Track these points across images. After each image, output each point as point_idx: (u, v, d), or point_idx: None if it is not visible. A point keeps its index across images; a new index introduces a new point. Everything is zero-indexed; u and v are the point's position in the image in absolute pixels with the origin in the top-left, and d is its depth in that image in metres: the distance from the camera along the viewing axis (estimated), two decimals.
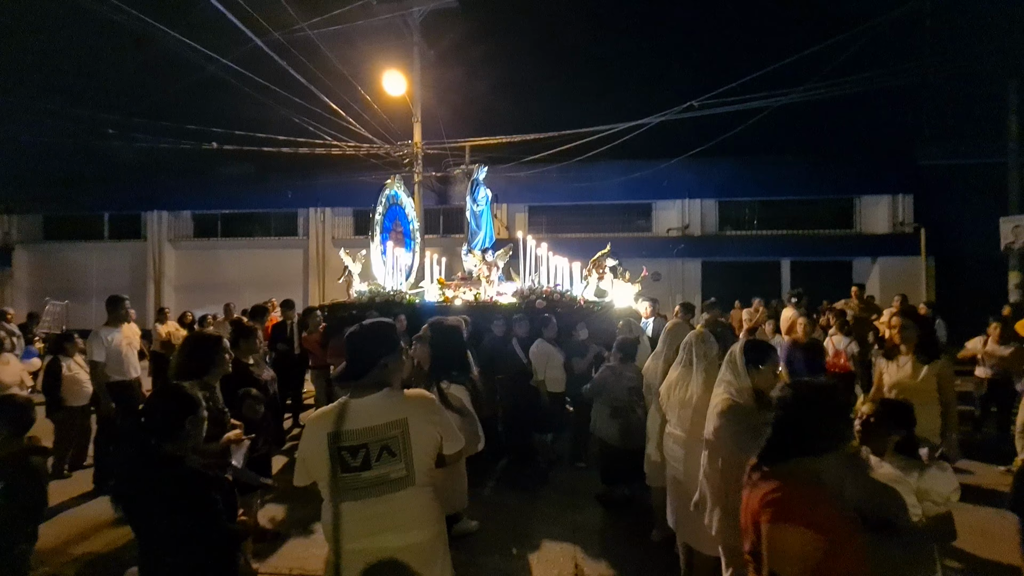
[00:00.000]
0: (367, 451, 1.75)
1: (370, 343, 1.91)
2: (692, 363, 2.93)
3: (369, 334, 1.94)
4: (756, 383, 2.41)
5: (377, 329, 1.97)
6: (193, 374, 2.58)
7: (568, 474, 5.21)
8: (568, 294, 6.10)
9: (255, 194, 17.52)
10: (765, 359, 2.42)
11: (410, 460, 1.79)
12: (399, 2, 10.81)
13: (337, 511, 1.74)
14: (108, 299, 5.01)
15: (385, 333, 1.97)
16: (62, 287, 17.38)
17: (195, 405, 1.82)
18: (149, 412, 1.80)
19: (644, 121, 10.70)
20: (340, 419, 1.79)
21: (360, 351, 1.90)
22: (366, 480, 1.74)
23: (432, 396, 2.01)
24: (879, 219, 15.46)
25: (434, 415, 1.90)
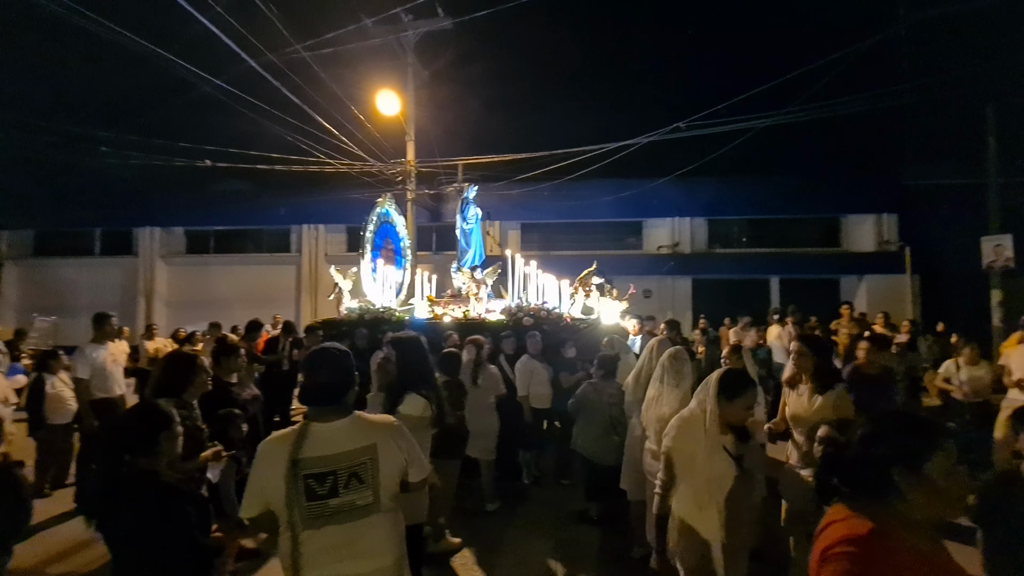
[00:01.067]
0: (335, 478, 1.70)
1: (344, 366, 1.88)
2: (665, 380, 3.00)
3: (344, 357, 1.90)
4: (724, 415, 2.34)
5: (345, 353, 1.94)
6: (170, 392, 2.60)
7: (552, 491, 5.21)
8: (555, 311, 6.16)
9: (249, 211, 17.56)
10: (737, 393, 2.35)
11: (377, 486, 1.76)
12: (394, 24, 11.02)
13: (297, 540, 1.67)
14: (94, 316, 5.01)
15: (350, 358, 1.95)
16: (52, 303, 17.27)
17: (168, 421, 1.85)
18: (123, 428, 1.83)
19: (632, 142, 10.91)
20: (303, 445, 1.72)
21: (337, 372, 1.85)
22: (332, 508, 1.70)
23: (398, 422, 1.98)
24: (865, 238, 15.74)
25: (402, 440, 1.88)
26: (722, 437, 2.31)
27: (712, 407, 2.37)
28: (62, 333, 15.45)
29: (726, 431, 2.33)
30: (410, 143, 11.81)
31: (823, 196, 15.58)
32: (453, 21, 10.86)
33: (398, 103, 11.18)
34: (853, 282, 15.57)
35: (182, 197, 17.23)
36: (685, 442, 2.37)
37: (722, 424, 2.33)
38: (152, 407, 1.91)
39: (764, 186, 15.88)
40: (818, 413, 3.10)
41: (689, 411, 2.49)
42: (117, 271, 18.38)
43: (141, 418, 1.84)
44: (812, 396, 3.17)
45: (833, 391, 3.12)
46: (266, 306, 14.95)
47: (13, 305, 18.35)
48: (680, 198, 15.72)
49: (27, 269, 18.77)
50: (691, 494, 2.34)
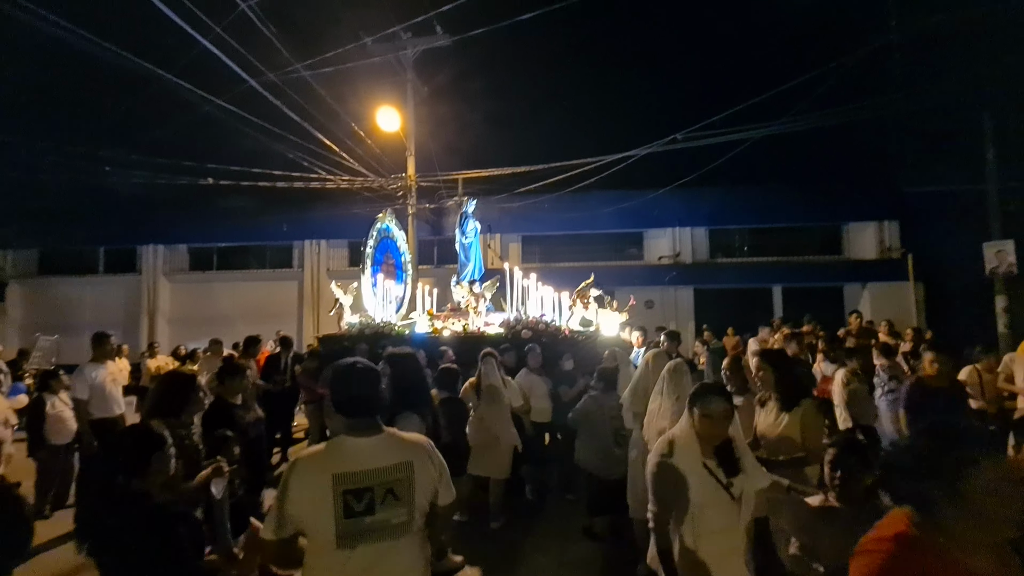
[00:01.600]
0: (372, 494, 1.67)
1: (378, 380, 1.89)
2: (665, 393, 2.98)
3: (376, 371, 1.91)
4: (698, 430, 2.22)
5: (372, 368, 1.92)
6: (167, 412, 2.59)
7: (556, 506, 5.15)
8: (553, 324, 6.15)
9: (251, 227, 17.66)
10: (703, 403, 2.21)
11: (412, 505, 1.73)
12: (393, 42, 11.18)
13: (329, 560, 1.63)
14: (93, 335, 5.02)
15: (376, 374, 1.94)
16: (55, 322, 17.31)
17: (161, 442, 1.84)
18: (115, 449, 1.82)
19: (631, 153, 10.97)
20: (341, 459, 1.70)
21: (374, 385, 1.86)
22: (367, 525, 1.65)
23: (429, 441, 1.94)
24: (867, 245, 15.71)
25: (436, 460, 1.85)
26: (702, 456, 2.19)
27: (684, 422, 2.30)
28: (65, 352, 15.45)
29: (707, 450, 2.20)
30: (410, 158, 11.90)
31: (824, 204, 15.59)
32: (452, 39, 10.99)
33: (398, 119, 11.30)
34: (856, 290, 15.50)
35: (185, 214, 17.37)
36: (665, 468, 2.23)
37: (700, 442, 2.20)
38: (144, 429, 1.90)
39: (765, 195, 15.90)
40: (784, 431, 2.91)
41: (670, 431, 2.39)
42: (120, 289, 18.46)
43: (133, 440, 1.83)
44: (779, 414, 2.99)
45: (799, 408, 2.91)
46: (268, 322, 14.96)
47: (17, 324, 18.42)
48: (681, 208, 15.74)
49: (31, 288, 18.87)
50: (681, 521, 2.21)
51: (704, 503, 2.14)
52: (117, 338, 12.73)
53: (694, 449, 2.21)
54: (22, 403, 6.80)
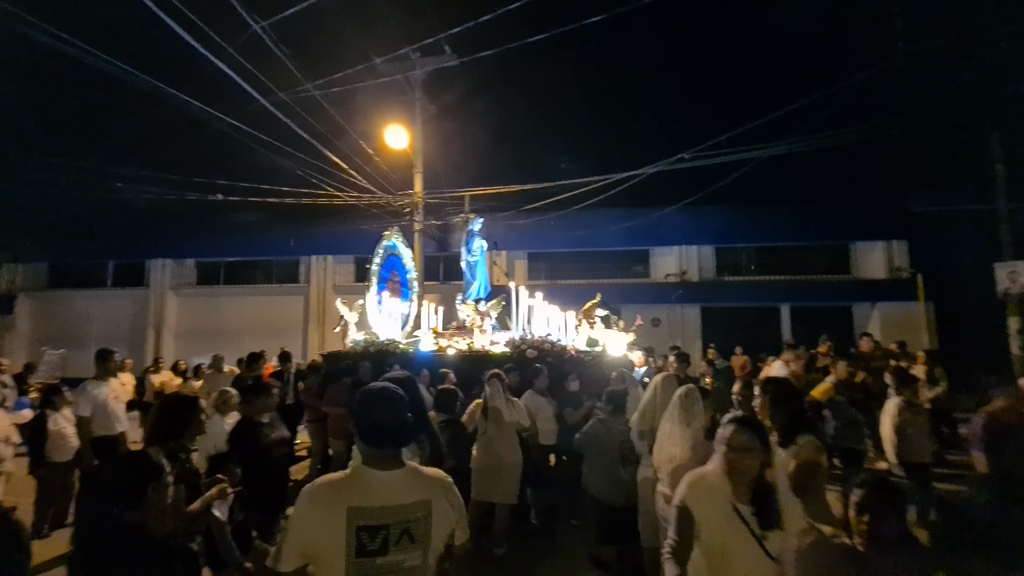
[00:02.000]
0: (387, 533, 1.55)
1: (407, 410, 1.75)
2: (676, 420, 2.90)
3: (405, 400, 1.77)
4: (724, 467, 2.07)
5: (404, 396, 1.79)
6: (166, 436, 2.54)
7: (562, 531, 5.03)
8: (559, 343, 6.08)
9: (259, 242, 17.81)
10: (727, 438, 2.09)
11: (427, 547, 1.61)
12: (402, 63, 11.33)
13: None
14: (97, 352, 4.99)
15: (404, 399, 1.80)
16: (63, 335, 17.43)
17: (157, 472, 1.78)
18: (111, 479, 1.77)
19: (638, 172, 10.98)
20: (359, 492, 1.59)
21: (403, 415, 1.72)
22: (378, 567, 1.54)
23: (450, 479, 1.81)
24: (875, 265, 15.59)
25: (454, 499, 1.74)
26: (733, 497, 2.02)
27: (715, 456, 2.12)
28: (71, 365, 15.52)
29: (740, 492, 2.02)
30: (418, 175, 11.97)
31: (831, 223, 15.53)
32: (460, 59, 11.13)
33: (406, 137, 11.40)
34: (866, 310, 15.34)
35: (194, 229, 17.54)
36: (691, 502, 2.09)
37: (731, 481, 2.03)
38: (140, 459, 1.85)
39: (772, 214, 15.88)
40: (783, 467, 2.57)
41: (704, 467, 2.23)
42: (128, 302, 18.58)
43: (128, 470, 1.78)
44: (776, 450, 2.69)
45: (795, 444, 2.62)
46: (274, 337, 14.96)
47: (26, 337, 18.53)
48: (687, 226, 15.73)
49: (40, 301, 19.03)
50: (704, 564, 2.05)
51: (730, 551, 1.98)
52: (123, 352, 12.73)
53: (724, 488, 2.04)
54: (25, 418, 6.75)
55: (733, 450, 2.03)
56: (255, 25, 6.62)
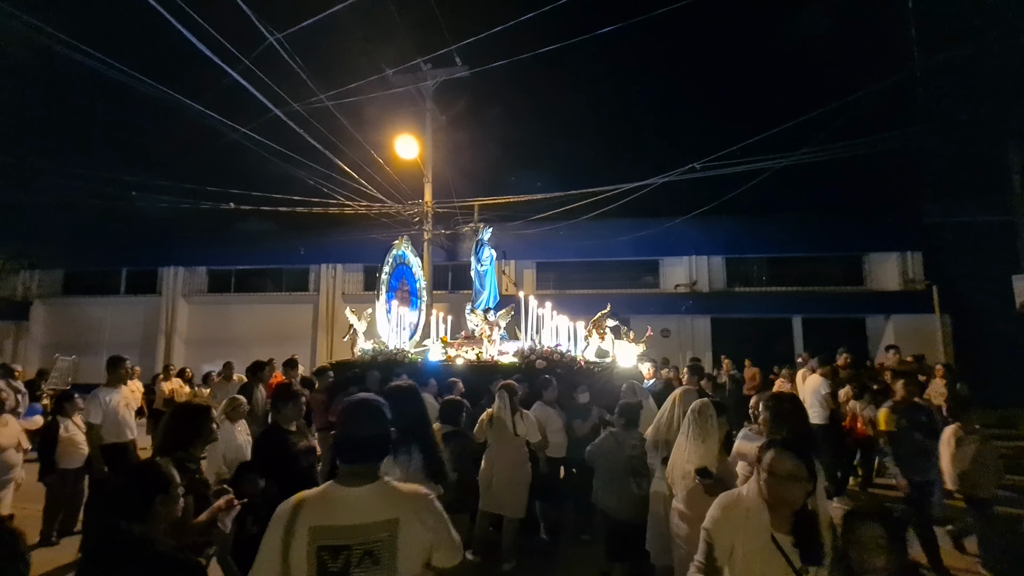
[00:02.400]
0: (349, 553, 1.48)
1: (385, 422, 1.68)
2: (691, 435, 2.84)
3: (384, 411, 1.70)
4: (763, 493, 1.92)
5: (384, 407, 1.72)
6: (177, 445, 2.53)
7: (572, 547, 4.94)
8: (568, 354, 6.02)
9: (269, 251, 17.95)
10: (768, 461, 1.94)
11: (393, 570, 1.51)
12: (414, 74, 11.45)
13: None
14: (109, 359, 5.01)
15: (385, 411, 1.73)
16: (76, 341, 17.62)
17: (166, 484, 1.76)
18: (118, 491, 1.75)
19: (648, 182, 10.95)
20: (323, 510, 1.54)
21: (378, 428, 1.66)
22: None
23: (431, 495, 1.69)
24: (889, 276, 15.38)
25: (430, 518, 1.61)
26: (772, 527, 1.86)
27: (753, 480, 1.95)
28: (82, 372, 15.67)
29: (779, 521, 1.86)
30: (428, 185, 12.03)
31: (844, 234, 15.36)
32: (471, 70, 11.22)
33: (416, 147, 11.48)
34: (879, 322, 15.12)
35: (206, 237, 17.74)
36: (723, 528, 1.96)
37: (770, 508, 1.88)
38: (148, 470, 1.82)
39: (784, 224, 15.77)
40: None
41: (740, 487, 2.10)
42: (140, 310, 18.77)
43: (136, 481, 1.76)
44: None
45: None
46: (283, 345, 15.03)
47: (39, 343, 18.76)
48: (698, 237, 15.65)
49: (55, 308, 19.28)
50: None
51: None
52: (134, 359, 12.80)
53: (762, 516, 1.89)
54: (37, 424, 6.82)
55: (776, 477, 1.86)
56: (271, 37, 6.72)
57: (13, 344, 18.72)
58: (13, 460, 4.28)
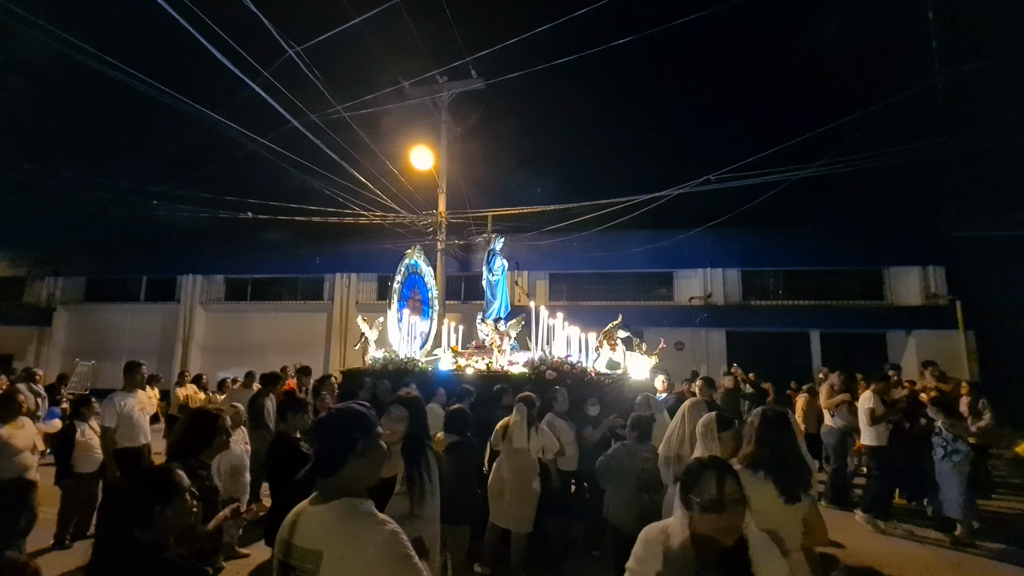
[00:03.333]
0: (295, 574, 1.42)
1: (341, 431, 1.54)
2: (699, 450, 2.77)
3: (347, 419, 1.57)
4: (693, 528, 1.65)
5: (352, 415, 1.59)
6: (188, 451, 2.54)
7: (582, 562, 4.84)
8: (579, 365, 5.96)
9: (285, 260, 18.21)
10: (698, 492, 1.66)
11: None
12: (430, 86, 11.60)
13: None
14: (126, 364, 5.08)
15: (360, 419, 1.59)
16: (96, 347, 17.98)
17: (172, 492, 1.75)
18: (126, 498, 1.74)
19: (663, 193, 10.90)
20: (292, 524, 1.49)
21: (329, 438, 1.54)
22: None
23: (383, 536, 1.40)
24: (910, 291, 15.05)
25: (379, 556, 1.36)
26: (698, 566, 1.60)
27: (677, 515, 1.67)
28: (101, 377, 15.95)
29: (707, 558, 1.59)
30: (442, 195, 12.13)
31: (864, 247, 15.10)
32: (486, 82, 11.33)
33: (431, 158, 11.60)
34: (901, 337, 14.77)
35: (224, 246, 18.06)
36: (646, 566, 1.71)
37: (697, 546, 1.61)
38: (156, 476, 1.82)
39: (801, 237, 15.57)
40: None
41: (664, 522, 1.79)
42: (159, 317, 19.11)
43: (145, 486, 1.75)
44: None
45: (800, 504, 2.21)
46: (298, 353, 15.16)
47: (61, 348, 19.18)
48: (713, 249, 15.51)
49: (77, 314, 19.72)
50: None
51: None
52: (153, 365, 12.96)
53: (687, 555, 1.62)
54: (55, 427, 6.93)
55: (715, 510, 1.58)
56: (290, 51, 6.86)
57: (36, 349, 19.16)
58: (28, 462, 4.34)
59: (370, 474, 1.56)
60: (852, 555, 5.11)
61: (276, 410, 6.35)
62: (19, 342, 19.07)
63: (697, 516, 1.61)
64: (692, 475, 1.67)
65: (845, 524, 5.95)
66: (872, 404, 6.19)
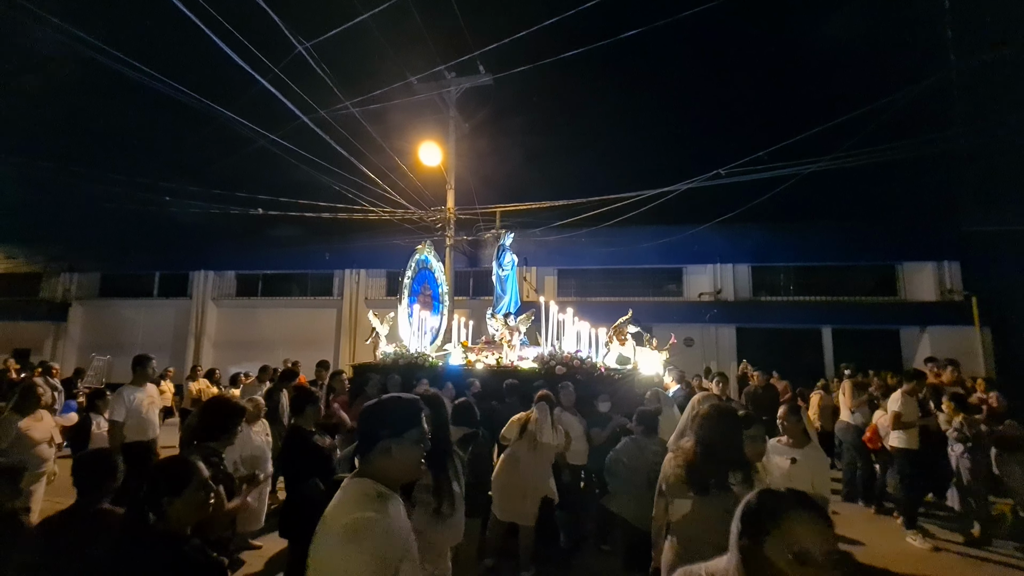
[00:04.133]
0: None
1: (373, 423, 1.58)
2: None
3: (377, 413, 1.61)
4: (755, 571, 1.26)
5: (385, 412, 1.60)
6: (205, 436, 2.59)
7: (591, 556, 4.85)
8: (589, 360, 5.95)
9: (295, 256, 18.34)
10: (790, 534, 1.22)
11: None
12: (438, 81, 11.59)
13: None
14: (135, 357, 5.05)
15: (391, 418, 1.59)
16: (111, 342, 18.25)
17: (186, 482, 1.75)
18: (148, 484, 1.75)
19: (672, 188, 10.82)
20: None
21: (362, 427, 1.62)
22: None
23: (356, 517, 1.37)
24: (925, 286, 14.83)
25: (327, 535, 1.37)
26: None
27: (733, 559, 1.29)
28: (116, 371, 16.19)
29: None
30: (450, 191, 12.13)
31: (877, 242, 14.89)
32: (494, 77, 11.30)
33: (439, 154, 11.59)
34: (915, 334, 14.57)
35: (235, 243, 18.22)
36: None
37: None
38: (169, 466, 1.84)
39: (814, 232, 15.37)
40: None
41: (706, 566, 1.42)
42: (171, 312, 19.34)
43: (155, 478, 1.76)
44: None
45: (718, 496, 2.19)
46: (308, 348, 15.29)
47: (77, 343, 19.49)
48: (723, 244, 15.37)
49: (92, 309, 20.01)
50: None
51: None
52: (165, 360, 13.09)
53: None
54: (72, 420, 7.05)
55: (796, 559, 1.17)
56: (299, 47, 6.88)
57: (53, 344, 19.48)
58: (46, 454, 4.41)
59: (399, 471, 1.56)
60: (867, 554, 5.07)
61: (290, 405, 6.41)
62: (36, 337, 19.40)
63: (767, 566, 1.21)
64: (768, 510, 1.25)
65: (861, 520, 5.90)
66: (900, 408, 5.63)
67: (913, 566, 4.80)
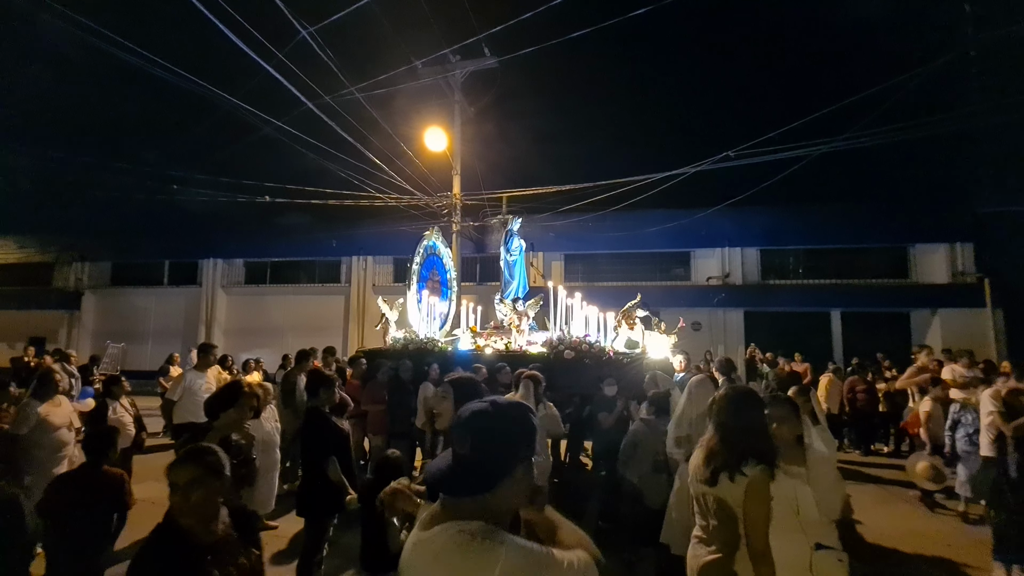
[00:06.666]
0: None
1: (508, 440, 1.15)
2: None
3: (510, 425, 1.17)
4: None
5: (521, 419, 1.20)
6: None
7: (591, 535, 4.90)
8: (597, 344, 5.97)
9: (303, 243, 18.42)
10: None
11: None
12: (442, 65, 11.47)
13: None
14: (199, 346, 5.85)
15: (529, 429, 1.20)
16: (123, 329, 18.51)
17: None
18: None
19: (680, 171, 10.71)
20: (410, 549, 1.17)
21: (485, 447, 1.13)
22: None
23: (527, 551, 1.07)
24: (936, 269, 14.67)
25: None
26: None
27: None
28: (129, 358, 16.45)
29: None
30: (456, 177, 12.08)
31: (888, 224, 14.71)
32: (499, 60, 11.16)
33: (445, 139, 11.52)
34: (925, 316, 14.46)
35: (243, 231, 18.31)
36: None
37: None
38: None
39: (823, 214, 15.19)
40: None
41: None
42: (182, 300, 19.56)
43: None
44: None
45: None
46: (316, 335, 15.41)
47: (90, 331, 19.79)
48: (731, 228, 15.25)
49: (104, 298, 20.28)
50: None
51: None
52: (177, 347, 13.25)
53: None
54: (89, 406, 7.18)
55: None
56: (303, 31, 6.83)
57: (67, 331, 19.80)
58: (66, 438, 4.52)
59: (519, 499, 1.19)
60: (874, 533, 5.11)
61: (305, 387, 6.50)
62: (51, 325, 19.72)
63: None
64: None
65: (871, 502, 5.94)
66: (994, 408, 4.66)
67: (921, 544, 4.84)
